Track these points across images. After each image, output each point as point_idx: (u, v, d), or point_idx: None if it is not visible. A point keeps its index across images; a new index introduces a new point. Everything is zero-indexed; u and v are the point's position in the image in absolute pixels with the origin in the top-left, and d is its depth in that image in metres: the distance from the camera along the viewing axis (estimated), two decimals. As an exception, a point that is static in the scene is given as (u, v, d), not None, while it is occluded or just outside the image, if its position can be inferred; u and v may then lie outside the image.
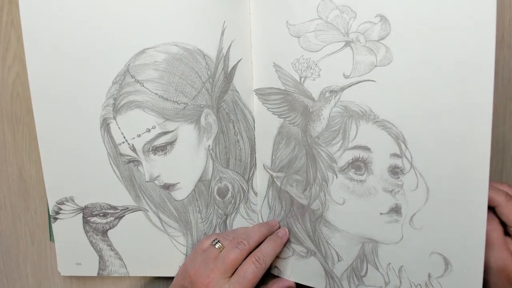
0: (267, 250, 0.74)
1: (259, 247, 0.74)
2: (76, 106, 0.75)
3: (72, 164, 0.78)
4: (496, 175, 0.80)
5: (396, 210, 0.69)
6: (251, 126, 0.79)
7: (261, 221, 0.82)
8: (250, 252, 0.73)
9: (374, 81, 0.67)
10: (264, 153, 0.79)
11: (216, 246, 0.74)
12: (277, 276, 0.83)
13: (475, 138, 0.62)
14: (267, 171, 0.79)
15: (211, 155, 0.77)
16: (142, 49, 0.73)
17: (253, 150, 0.80)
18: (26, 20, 0.73)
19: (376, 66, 0.66)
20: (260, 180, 0.80)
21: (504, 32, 0.79)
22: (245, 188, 0.80)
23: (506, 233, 0.68)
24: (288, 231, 0.78)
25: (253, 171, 0.80)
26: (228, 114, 0.76)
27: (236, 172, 0.79)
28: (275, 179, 0.79)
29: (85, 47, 0.73)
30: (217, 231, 0.80)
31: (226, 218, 0.80)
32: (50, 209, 0.80)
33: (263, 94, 0.77)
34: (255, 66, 0.77)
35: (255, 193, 0.81)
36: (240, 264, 0.72)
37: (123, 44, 0.73)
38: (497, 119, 0.79)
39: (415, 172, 0.67)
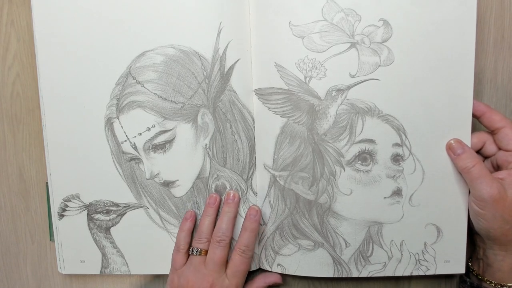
0: (248, 241, 0.80)
1: (239, 239, 0.80)
2: (83, 106, 0.81)
3: (78, 162, 0.82)
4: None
5: (397, 192, 0.80)
6: (250, 126, 0.81)
7: (261, 221, 0.83)
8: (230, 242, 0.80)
9: (378, 79, 0.76)
10: (265, 153, 0.81)
11: (196, 253, 0.80)
12: (280, 273, 0.86)
13: (459, 125, 0.77)
14: (269, 171, 0.81)
15: (208, 153, 0.81)
16: (142, 52, 0.79)
17: (252, 150, 0.82)
18: (38, 27, 0.79)
19: (379, 66, 0.76)
20: (261, 180, 0.83)
21: (504, 32, 0.84)
22: (243, 187, 0.82)
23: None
24: (259, 209, 0.82)
25: (253, 171, 0.83)
26: (225, 114, 0.80)
27: (234, 171, 0.82)
28: (277, 178, 0.81)
29: (91, 51, 0.79)
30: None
31: (225, 215, 0.82)
32: (57, 207, 0.83)
33: (263, 94, 0.80)
34: (255, 66, 0.80)
35: (255, 193, 0.83)
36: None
37: (125, 48, 0.79)
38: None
39: (413, 158, 0.79)
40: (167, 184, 0.82)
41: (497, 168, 0.78)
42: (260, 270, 0.87)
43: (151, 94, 0.79)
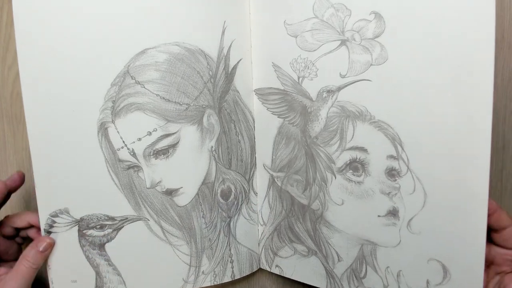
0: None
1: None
2: (71, 110, 0.70)
3: (67, 173, 0.72)
4: (496, 175, 0.80)
5: (393, 213, 0.67)
6: (251, 126, 0.78)
7: (261, 221, 0.80)
8: None
9: (369, 80, 0.65)
10: (264, 153, 0.78)
11: None
12: (278, 275, 0.82)
13: (474, 140, 0.60)
14: (268, 171, 0.78)
15: (214, 156, 0.75)
16: (142, 49, 0.70)
17: (253, 150, 0.79)
18: (18, 17, 0.69)
19: (371, 65, 0.65)
20: (261, 180, 0.79)
21: (504, 32, 0.79)
22: (246, 188, 0.79)
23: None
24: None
25: (253, 171, 0.79)
26: (229, 114, 0.75)
27: (238, 172, 0.77)
28: (275, 179, 0.78)
29: (82, 47, 0.69)
30: (221, 235, 0.78)
31: (230, 221, 0.78)
32: (43, 223, 0.74)
33: (262, 94, 0.76)
34: (255, 66, 0.76)
35: (255, 193, 0.80)
36: None
37: (123, 44, 0.70)
38: (497, 119, 0.79)
39: (412, 175, 0.65)
40: (170, 193, 0.74)
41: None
42: (260, 271, 0.84)
43: (153, 95, 0.70)
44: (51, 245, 0.71)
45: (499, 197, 0.79)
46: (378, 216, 0.68)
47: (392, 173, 0.66)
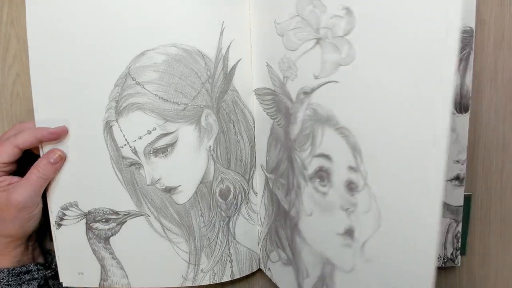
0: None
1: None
2: (80, 109, 0.72)
3: (76, 168, 0.74)
4: (496, 175, 0.78)
5: (349, 232, 0.59)
6: (251, 126, 0.77)
7: (260, 221, 0.79)
8: None
9: (337, 82, 0.58)
10: (261, 154, 0.76)
11: None
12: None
13: (429, 158, 0.49)
14: (263, 172, 0.77)
15: (212, 156, 0.74)
16: (142, 51, 0.71)
17: (253, 150, 0.77)
18: (31, 24, 0.71)
19: (340, 65, 0.57)
20: (259, 180, 0.78)
21: (504, 32, 0.78)
22: (246, 188, 0.77)
23: None
24: None
25: (253, 171, 0.78)
26: (228, 114, 0.74)
27: (237, 172, 0.76)
28: (269, 180, 0.76)
29: (87, 50, 0.71)
30: (220, 234, 0.77)
31: (229, 220, 0.78)
32: (54, 215, 0.75)
33: (260, 94, 0.75)
34: (255, 66, 0.75)
35: (255, 193, 0.79)
36: None
37: (124, 47, 0.71)
38: (497, 119, 0.78)
39: (368, 191, 0.56)
40: (169, 190, 0.74)
41: None
42: (260, 271, 0.83)
43: (152, 96, 0.70)
44: (62, 158, 0.72)
45: (499, 197, 0.78)
46: (337, 234, 0.61)
47: (351, 186, 0.58)
